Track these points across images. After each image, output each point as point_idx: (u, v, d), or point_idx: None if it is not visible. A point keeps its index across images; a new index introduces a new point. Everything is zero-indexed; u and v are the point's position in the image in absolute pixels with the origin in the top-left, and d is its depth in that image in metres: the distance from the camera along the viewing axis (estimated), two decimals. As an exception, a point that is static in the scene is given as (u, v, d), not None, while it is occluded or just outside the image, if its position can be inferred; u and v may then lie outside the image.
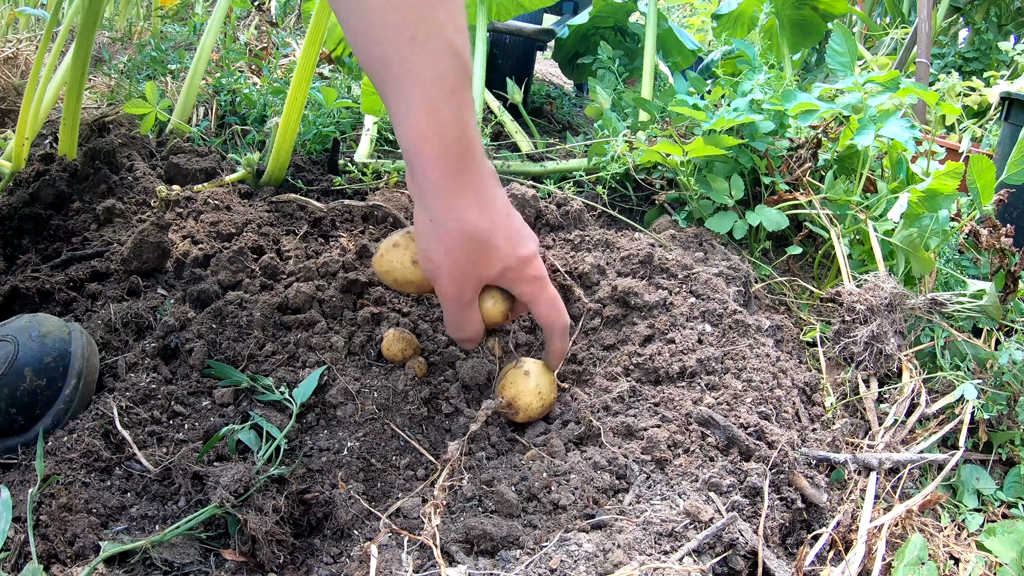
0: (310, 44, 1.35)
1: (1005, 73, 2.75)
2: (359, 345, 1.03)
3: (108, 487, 0.82)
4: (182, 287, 1.14)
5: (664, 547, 0.73)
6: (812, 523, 0.87)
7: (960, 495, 1.03)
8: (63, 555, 0.72)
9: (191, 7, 3.41)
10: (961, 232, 1.36)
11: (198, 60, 1.67)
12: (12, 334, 0.89)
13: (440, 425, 0.96)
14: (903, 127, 1.33)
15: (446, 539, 0.75)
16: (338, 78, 2.29)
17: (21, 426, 0.87)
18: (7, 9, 2.69)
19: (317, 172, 1.59)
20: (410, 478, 0.89)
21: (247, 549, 0.76)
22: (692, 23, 3.91)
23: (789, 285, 1.39)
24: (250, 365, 0.99)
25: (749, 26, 2.58)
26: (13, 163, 1.43)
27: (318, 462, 0.87)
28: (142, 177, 1.40)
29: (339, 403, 0.93)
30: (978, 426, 1.08)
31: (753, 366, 1.01)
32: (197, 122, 1.82)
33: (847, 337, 1.15)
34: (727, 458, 0.86)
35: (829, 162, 1.52)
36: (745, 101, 1.48)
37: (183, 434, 0.89)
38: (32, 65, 1.62)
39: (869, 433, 1.04)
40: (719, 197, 1.43)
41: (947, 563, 0.86)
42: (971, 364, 1.15)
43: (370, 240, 1.28)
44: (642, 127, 1.71)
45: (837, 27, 1.77)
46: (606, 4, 2.48)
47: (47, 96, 1.52)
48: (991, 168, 1.26)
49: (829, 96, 1.63)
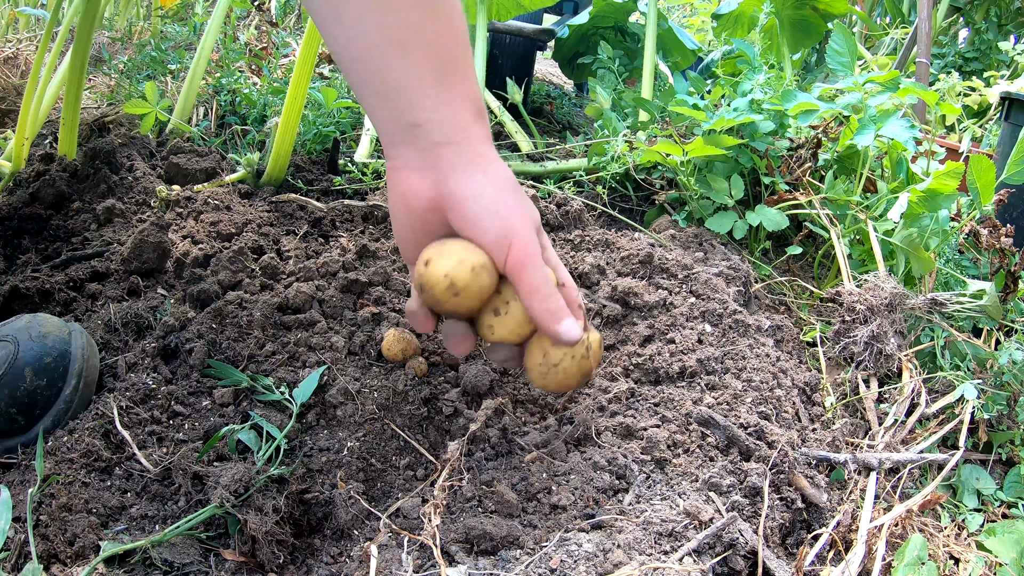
0: (309, 44, 1.35)
1: (1005, 73, 2.75)
2: (359, 345, 1.03)
3: (108, 487, 0.82)
4: (182, 287, 1.14)
5: (664, 547, 0.73)
6: (812, 523, 0.87)
7: (960, 495, 1.03)
8: (63, 555, 0.72)
9: (191, 7, 3.41)
10: (961, 232, 1.36)
11: (198, 60, 1.67)
12: (12, 334, 0.89)
13: (440, 425, 0.96)
14: (903, 127, 1.33)
15: (446, 539, 0.75)
16: (338, 78, 2.29)
17: (21, 426, 0.87)
18: (7, 9, 2.69)
19: (317, 172, 1.59)
20: (410, 478, 0.89)
21: (247, 549, 0.76)
22: (692, 23, 3.91)
23: (789, 285, 1.39)
24: (250, 365, 0.99)
25: (749, 26, 2.58)
26: (13, 163, 1.43)
27: (318, 462, 0.87)
28: (142, 177, 1.40)
29: (339, 403, 0.93)
30: (978, 426, 1.08)
31: (753, 366, 1.01)
32: (197, 122, 1.82)
33: (847, 337, 1.15)
34: (727, 458, 0.86)
35: (829, 162, 1.52)
36: (745, 101, 1.48)
37: (183, 434, 0.89)
38: (32, 65, 1.62)
39: (869, 433, 1.04)
40: (719, 197, 1.43)
41: (947, 563, 0.86)
42: (971, 364, 1.15)
43: (370, 240, 1.28)
44: (642, 127, 1.71)
45: (837, 27, 1.77)
46: (606, 4, 2.48)
47: (47, 96, 1.52)
48: (991, 168, 1.26)
49: (829, 96, 1.63)
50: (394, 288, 1.15)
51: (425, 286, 0.75)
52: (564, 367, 0.80)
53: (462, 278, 0.73)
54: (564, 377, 0.80)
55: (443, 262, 0.73)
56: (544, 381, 0.81)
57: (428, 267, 0.74)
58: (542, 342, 0.80)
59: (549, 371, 0.80)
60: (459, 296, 0.74)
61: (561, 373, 0.80)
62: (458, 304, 0.76)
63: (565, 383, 0.81)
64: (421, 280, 0.75)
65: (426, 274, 0.74)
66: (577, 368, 0.80)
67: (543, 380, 0.81)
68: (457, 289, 0.74)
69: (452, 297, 0.74)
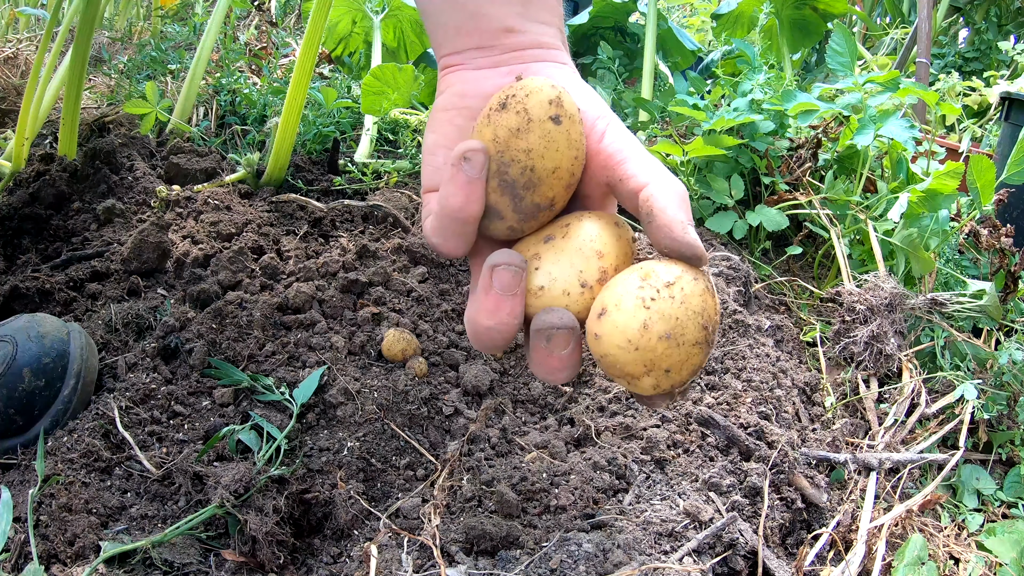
0: (308, 44, 1.35)
1: (1005, 73, 2.75)
2: (359, 345, 1.03)
3: (108, 487, 0.82)
4: (182, 287, 1.14)
5: (664, 547, 0.73)
6: (812, 523, 0.87)
7: (960, 495, 1.03)
8: (63, 555, 0.72)
9: (191, 7, 3.41)
10: (961, 232, 1.36)
11: (198, 60, 1.67)
12: (11, 334, 0.89)
13: (440, 425, 0.96)
14: (903, 127, 1.33)
15: (446, 539, 0.75)
16: (338, 78, 2.29)
17: (20, 427, 0.86)
18: (7, 9, 2.69)
19: (317, 172, 1.59)
20: (410, 478, 0.89)
21: (247, 549, 0.76)
22: (692, 23, 3.91)
23: (789, 285, 1.39)
24: (250, 365, 0.99)
25: (749, 26, 2.58)
26: (13, 163, 1.43)
27: (318, 462, 0.87)
28: (142, 177, 1.40)
29: (339, 403, 0.93)
30: (978, 426, 1.08)
31: (753, 366, 1.01)
32: (197, 122, 1.82)
33: (847, 337, 1.15)
34: (727, 458, 0.86)
35: (829, 162, 1.52)
36: (745, 101, 1.49)
37: (183, 434, 0.89)
38: (32, 65, 1.62)
39: (869, 433, 1.04)
40: (719, 197, 1.43)
41: (947, 563, 0.86)
42: (971, 364, 1.15)
43: (370, 240, 1.28)
44: (642, 127, 1.71)
45: (837, 27, 1.77)
46: (606, 4, 2.48)
47: (47, 96, 1.52)
48: (991, 168, 1.26)
49: (829, 96, 1.63)
50: (394, 288, 1.15)
51: (514, 97, 0.51)
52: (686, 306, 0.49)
53: (569, 100, 0.52)
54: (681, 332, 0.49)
55: (547, 78, 0.53)
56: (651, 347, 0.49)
57: (523, 80, 0.53)
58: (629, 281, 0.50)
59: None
60: (560, 122, 0.50)
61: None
62: (556, 160, 0.50)
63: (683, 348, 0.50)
64: (508, 91, 0.52)
65: (519, 84, 0.52)
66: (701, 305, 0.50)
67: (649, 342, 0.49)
68: (561, 108, 0.51)
69: (548, 120, 0.50)
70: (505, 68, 0.59)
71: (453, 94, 0.60)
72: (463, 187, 0.52)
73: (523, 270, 0.52)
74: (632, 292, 0.49)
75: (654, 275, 0.49)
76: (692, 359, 0.50)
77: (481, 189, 0.53)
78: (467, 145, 0.52)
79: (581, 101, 0.56)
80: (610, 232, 0.54)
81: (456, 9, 0.59)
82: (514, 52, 0.59)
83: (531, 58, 0.59)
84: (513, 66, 0.59)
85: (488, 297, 0.52)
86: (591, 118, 0.56)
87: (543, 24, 0.61)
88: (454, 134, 0.59)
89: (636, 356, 0.49)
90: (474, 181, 0.52)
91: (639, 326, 0.48)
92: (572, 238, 0.53)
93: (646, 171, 0.53)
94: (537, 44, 0.60)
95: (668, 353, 0.49)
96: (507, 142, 0.51)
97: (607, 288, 0.51)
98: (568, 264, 0.52)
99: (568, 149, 0.51)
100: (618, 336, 0.49)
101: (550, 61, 0.60)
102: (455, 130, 0.59)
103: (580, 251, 0.52)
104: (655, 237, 0.51)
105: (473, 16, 0.58)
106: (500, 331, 0.53)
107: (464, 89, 0.59)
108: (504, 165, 0.51)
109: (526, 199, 0.52)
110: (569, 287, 0.52)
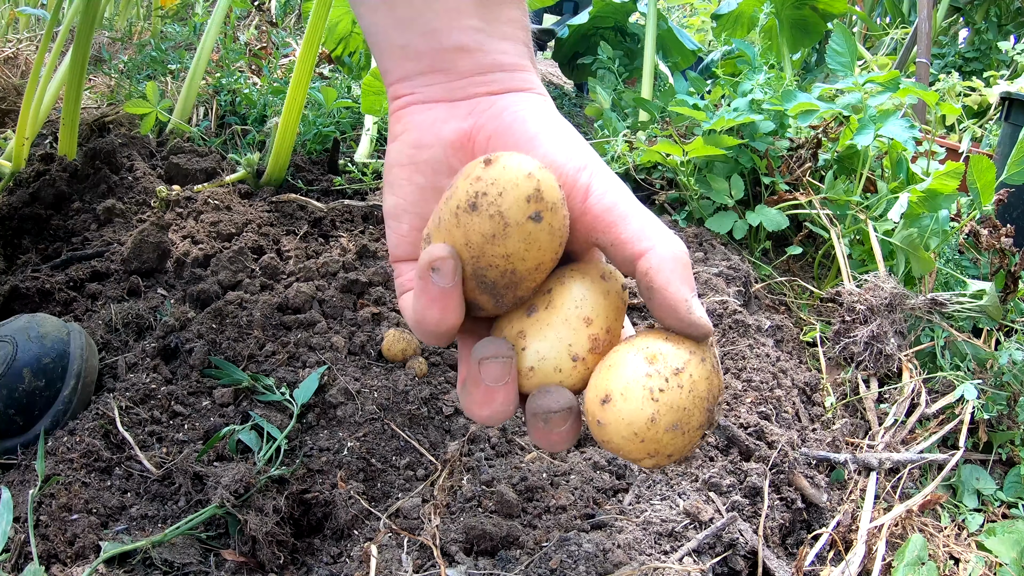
0: (308, 44, 1.35)
1: (1005, 73, 2.75)
2: (359, 345, 1.03)
3: (108, 487, 0.82)
4: (182, 287, 1.14)
5: (664, 547, 0.73)
6: (812, 523, 0.87)
7: (960, 495, 1.03)
8: (63, 555, 0.72)
9: (191, 7, 3.41)
10: (961, 232, 1.36)
11: (198, 60, 1.67)
12: (11, 335, 0.89)
13: (440, 425, 0.96)
14: (903, 127, 1.33)
15: (446, 539, 0.75)
16: (338, 78, 2.29)
17: (20, 427, 0.86)
18: (7, 9, 2.69)
19: (317, 172, 1.59)
20: (410, 478, 0.89)
21: (247, 549, 0.76)
22: (692, 23, 3.91)
23: (789, 285, 1.39)
24: (250, 365, 0.99)
25: (749, 26, 2.58)
26: (13, 163, 1.43)
27: (318, 462, 0.87)
28: (142, 177, 1.40)
29: (339, 403, 0.93)
30: (978, 426, 1.08)
31: (753, 366, 1.01)
32: (197, 122, 1.82)
33: (847, 337, 1.15)
34: (727, 458, 0.86)
35: (829, 162, 1.52)
36: (745, 101, 1.49)
37: (183, 434, 0.89)
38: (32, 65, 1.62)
39: (869, 433, 1.04)
40: (719, 197, 1.43)
41: (947, 563, 0.86)
42: (971, 364, 1.15)
43: (370, 240, 1.28)
44: (642, 127, 1.71)
45: (837, 27, 1.77)
46: (606, 4, 2.48)
47: (47, 96, 1.52)
48: (991, 168, 1.26)
49: (829, 96, 1.63)
50: (394, 288, 1.15)
51: (485, 196, 0.45)
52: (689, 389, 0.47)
53: (549, 187, 0.45)
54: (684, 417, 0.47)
55: (521, 159, 0.46)
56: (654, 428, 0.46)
57: (493, 166, 0.45)
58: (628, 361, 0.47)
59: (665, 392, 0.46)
60: (542, 219, 0.45)
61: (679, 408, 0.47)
62: (538, 258, 0.46)
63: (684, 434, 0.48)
64: (478, 187, 0.45)
65: (489, 175, 0.45)
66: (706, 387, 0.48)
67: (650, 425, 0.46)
68: (542, 202, 0.45)
69: (527, 221, 0.44)
70: (464, 105, 0.53)
71: (407, 144, 0.55)
72: (437, 300, 0.48)
73: (511, 359, 0.49)
74: (639, 380, 0.46)
75: (661, 359, 0.47)
76: (695, 440, 0.49)
77: (457, 297, 0.49)
78: (434, 253, 0.47)
79: (559, 148, 0.51)
80: (597, 290, 0.50)
81: (401, 26, 0.53)
82: (472, 77, 0.53)
83: (495, 86, 0.54)
84: (473, 100, 0.53)
85: (479, 389, 0.50)
86: (572, 171, 0.50)
87: (506, 40, 0.54)
88: (415, 196, 0.55)
89: (641, 446, 0.47)
90: (448, 292, 0.48)
91: (646, 419, 0.46)
92: (556, 308, 0.49)
93: (641, 234, 0.48)
94: (499, 66, 0.54)
95: (673, 441, 0.47)
96: (482, 248, 0.46)
97: (609, 366, 0.48)
98: (556, 339, 0.49)
99: (551, 241, 0.46)
100: (624, 428, 0.47)
101: (516, 90, 0.54)
102: (416, 190, 0.55)
103: (566, 322, 0.49)
104: (658, 315, 0.49)
105: (422, 34, 0.52)
106: (497, 418, 0.51)
107: (419, 138, 0.54)
108: (481, 270, 0.47)
109: (507, 296, 0.49)
110: (560, 363, 0.49)
